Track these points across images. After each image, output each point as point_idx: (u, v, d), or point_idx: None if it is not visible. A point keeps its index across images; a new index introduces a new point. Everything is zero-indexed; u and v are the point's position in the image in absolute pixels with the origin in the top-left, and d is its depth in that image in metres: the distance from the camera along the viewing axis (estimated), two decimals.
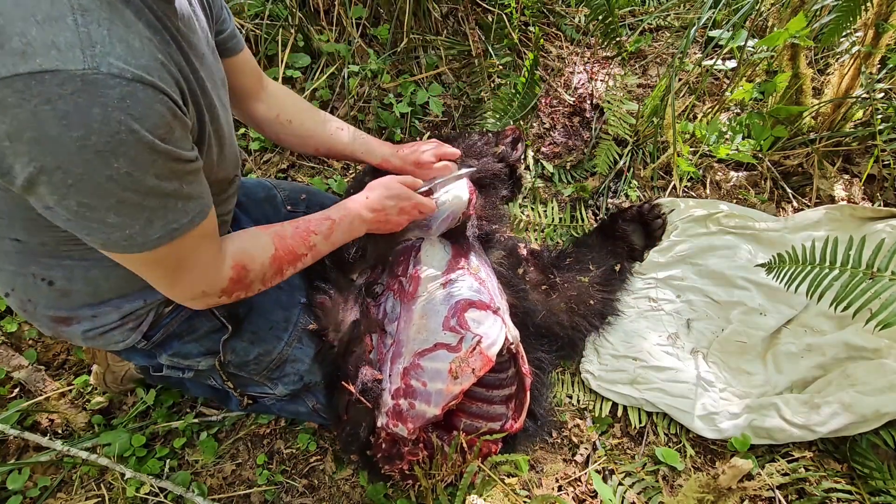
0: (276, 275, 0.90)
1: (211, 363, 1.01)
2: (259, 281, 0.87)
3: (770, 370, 1.29)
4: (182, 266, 0.75)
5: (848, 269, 0.98)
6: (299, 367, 1.08)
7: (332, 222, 0.96)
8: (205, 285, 0.80)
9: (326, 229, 0.95)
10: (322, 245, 0.96)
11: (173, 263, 0.73)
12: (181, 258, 0.74)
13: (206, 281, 0.80)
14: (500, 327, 0.99)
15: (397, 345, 1.04)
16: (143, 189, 0.63)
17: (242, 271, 0.84)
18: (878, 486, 1.09)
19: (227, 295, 0.84)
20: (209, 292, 0.81)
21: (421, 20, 1.85)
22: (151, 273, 0.75)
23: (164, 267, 0.74)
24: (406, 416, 0.94)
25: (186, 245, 0.72)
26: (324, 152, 1.18)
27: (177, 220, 0.68)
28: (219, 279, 0.81)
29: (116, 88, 0.56)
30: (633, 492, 1.15)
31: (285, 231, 0.91)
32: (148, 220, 0.65)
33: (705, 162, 1.68)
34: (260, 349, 1.03)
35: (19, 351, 1.32)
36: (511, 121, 1.73)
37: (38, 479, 1.15)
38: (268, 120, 1.12)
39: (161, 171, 0.63)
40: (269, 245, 0.88)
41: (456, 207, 1.15)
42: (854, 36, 1.62)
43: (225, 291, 0.83)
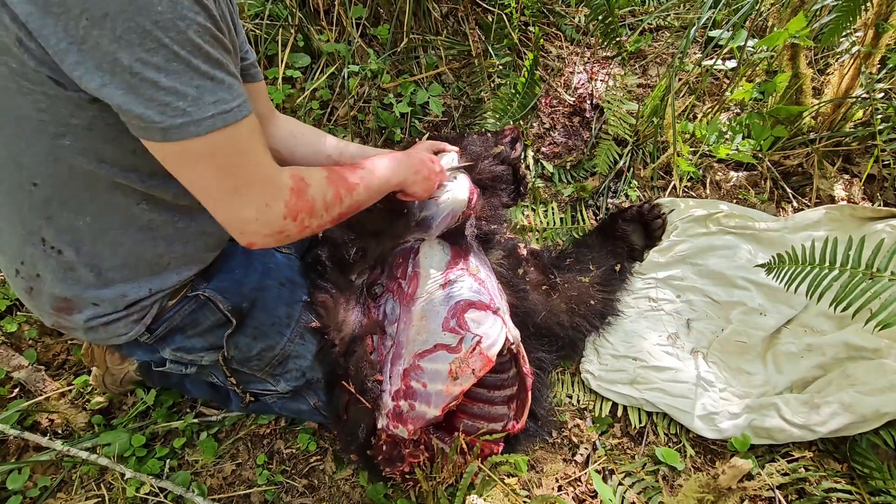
0: (335, 199, 0.85)
1: (214, 358, 1.02)
2: (321, 201, 0.82)
3: (770, 370, 1.29)
4: (238, 165, 0.71)
5: (848, 269, 0.98)
6: (301, 364, 1.08)
7: (374, 161, 0.98)
8: (267, 195, 0.74)
9: (369, 164, 0.96)
10: (370, 176, 0.94)
11: (231, 157, 0.70)
12: (238, 154, 0.70)
13: (268, 189, 0.75)
14: (500, 327, 0.99)
15: (397, 346, 1.04)
16: (188, 42, 0.62)
17: (301, 183, 0.79)
18: (878, 486, 1.09)
19: (292, 215, 0.78)
20: (272, 205, 0.75)
21: (421, 20, 1.85)
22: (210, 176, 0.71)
23: (223, 162, 0.70)
24: (406, 417, 0.94)
25: (241, 136, 0.70)
26: (336, 157, 1.19)
27: (226, 101, 0.67)
28: (279, 188, 0.76)
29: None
30: (633, 492, 1.15)
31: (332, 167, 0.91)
32: (199, 89, 0.64)
33: (705, 162, 1.68)
34: (263, 344, 1.03)
35: (19, 351, 1.32)
36: (511, 121, 1.73)
37: (38, 479, 1.15)
38: (282, 138, 1.14)
39: (204, 28, 0.63)
40: (319, 170, 0.86)
41: (456, 206, 1.15)
42: (854, 36, 1.63)
43: (288, 207, 0.77)
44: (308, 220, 0.81)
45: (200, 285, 0.95)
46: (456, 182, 1.19)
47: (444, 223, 1.17)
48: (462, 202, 1.15)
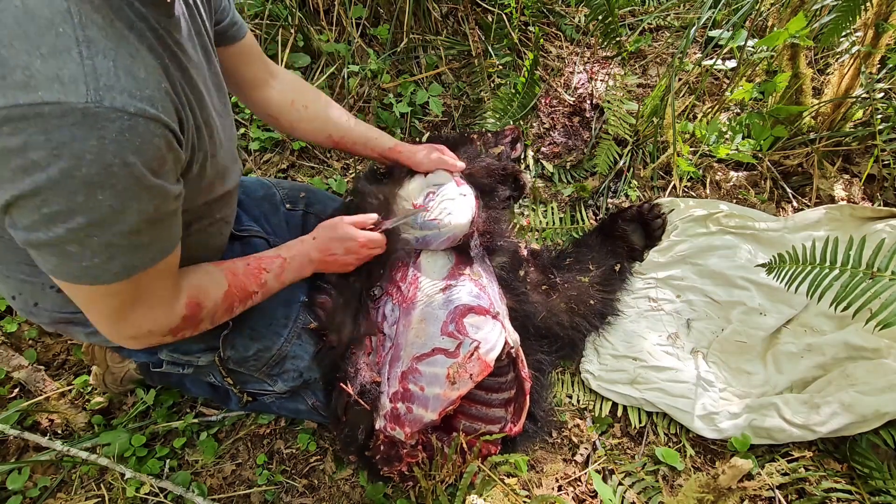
0: (225, 312, 0.87)
1: (210, 359, 1.01)
2: (209, 319, 0.84)
3: (770, 370, 1.28)
4: (135, 302, 0.71)
5: (848, 269, 0.98)
6: (299, 364, 1.08)
7: (283, 260, 0.95)
8: (153, 323, 0.76)
9: (278, 267, 0.94)
10: (272, 283, 0.94)
11: (126, 299, 0.70)
12: (136, 294, 0.70)
13: (157, 319, 0.76)
14: (499, 332, 0.99)
15: (396, 348, 1.04)
16: (119, 225, 0.61)
17: (196, 308, 0.80)
18: (878, 486, 1.09)
19: (174, 334, 0.80)
20: (155, 331, 0.77)
21: (421, 20, 1.85)
22: (98, 306, 0.71)
23: (115, 302, 0.70)
24: (404, 420, 0.94)
25: (143, 281, 0.69)
26: (337, 139, 1.16)
27: (140, 257, 0.66)
28: (171, 317, 0.78)
29: (117, 122, 0.55)
30: (633, 492, 1.15)
31: (237, 268, 0.90)
32: (111, 255, 0.63)
33: (705, 162, 1.68)
34: (259, 345, 1.03)
35: (19, 351, 1.32)
36: (511, 121, 1.73)
37: (38, 479, 1.15)
38: (283, 107, 1.09)
39: (144, 207, 0.62)
40: (222, 281, 0.86)
41: (457, 231, 1.13)
42: (854, 36, 1.62)
43: (173, 330, 0.79)
44: (190, 333, 0.83)
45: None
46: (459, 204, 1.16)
47: (444, 245, 1.16)
48: (463, 226, 1.13)
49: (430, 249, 1.17)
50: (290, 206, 1.26)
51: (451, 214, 1.13)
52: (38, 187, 0.55)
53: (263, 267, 0.93)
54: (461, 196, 1.17)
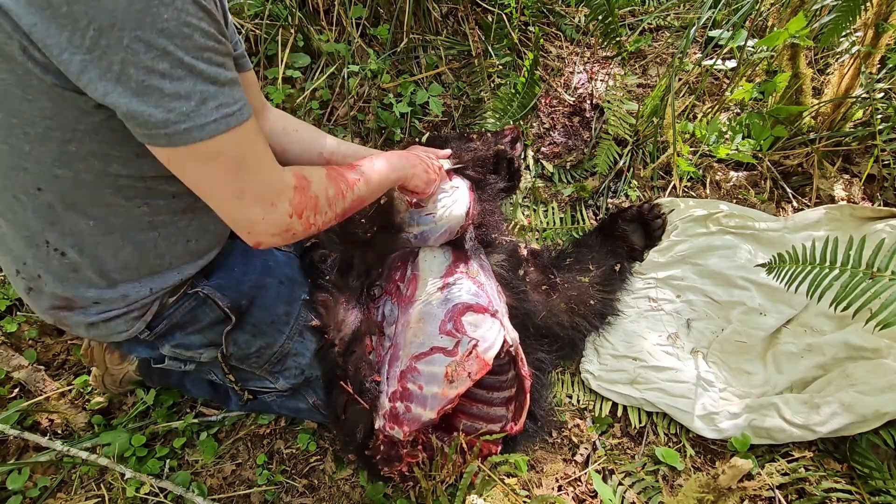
0: (337, 195, 0.86)
1: (213, 355, 1.02)
2: (324, 197, 0.83)
3: (770, 370, 1.28)
4: (245, 163, 0.72)
5: (848, 269, 0.98)
6: (300, 361, 1.09)
7: (371, 158, 0.99)
8: (272, 194, 0.75)
9: (367, 161, 0.97)
10: (370, 172, 0.95)
11: (235, 160, 0.71)
12: (241, 156, 0.71)
13: (272, 188, 0.76)
14: (497, 330, 0.99)
15: (395, 347, 1.04)
16: (192, 48, 0.63)
17: (303, 181, 0.80)
18: (878, 486, 1.09)
19: (297, 213, 0.79)
20: (278, 204, 0.76)
21: (421, 20, 1.85)
22: (216, 179, 0.72)
23: (227, 163, 0.71)
24: (402, 419, 0.94)
25: (244, 139, 0.71)
26: (328, 156, 1.18)
27: (228, 104, 0.68)
28: (283, 187, 0.77)
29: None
30: (633, 492, 1.15)
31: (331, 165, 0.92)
32: (202, 94, 0.65)
33: (705, 162, 1.68)
34: (262, 342, 1.03)
35: (19, 351, 1.32)
36: (511, 121, 1.73)
37: (38, 479, 1.15)
38: (275, 132, 1.13)
39: (207, 33, 0.64)
40: (319, 167, 0.87)
41: (453, 223, 1.14)
42: (854, 36, 1.62)
43: (293, 205, 0.78)
44: (313, 218, 0.82)
45: (200, 282, 0.96)
46: (453, 196, 1.17)
47: (442, 238, 1.17)
48: (459, 217, 1.14)
49: (428, 245, 1.17)
50: None
51: (447, 207, 1.14)
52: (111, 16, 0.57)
53: (356, 164, 0.95)
54: (453, 188, 1.18)
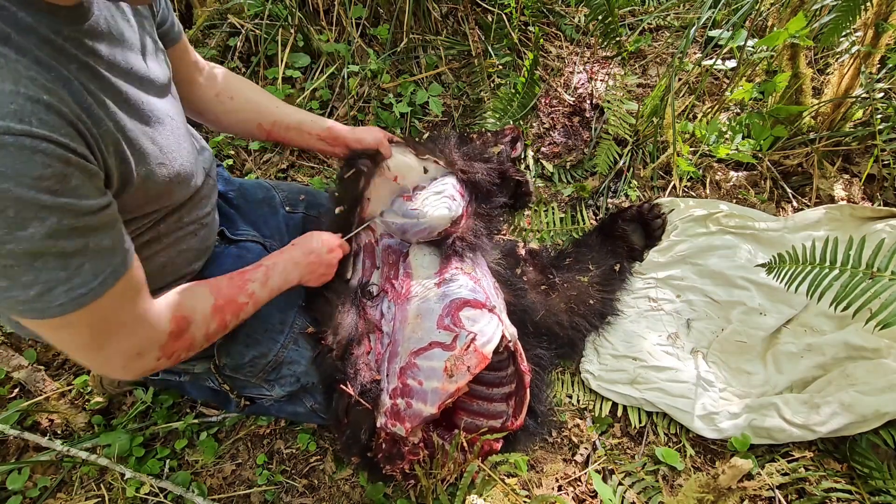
0: (219, 328, 0.84)
1: (206, 366, 1.01)
2: (202, 335, 0.81)
3: (770, 370, 1.28)
4: (102, 329, 0.66)
5: (848, 269, 0.98)
6: (296, 369, 1.08)
7: (265, 268, 0.93)
8: (138, 346, 0.71)
9: (262, 276, 0.92)
10: (260, 291, 0.91)
11: (89, 328, 0.65)
12: (100, 321, 0.65)
13: (139, 341, 0.71)
14: (496, 325, 0.99)
15: (393, 344, 1.04)
16: (34, 252, 0.55)
17: (183, 322, 0.76)
18: (878, 486, 1.09)
19: (167, 355, 0.76)
20: (145, 354, 0.72)
21: (421, 20, 1.85)
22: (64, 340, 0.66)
23: (78, 332, 0.65)
24: (403, 415, 0.94)
25: (103, 308, 0.64)
26: (268, 127, 1.12)
27: (84, 283, 0.61)
28: (155, 336, 0.73)
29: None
30: (633, 492, 1.15)
31: (220, 282, 0.87)
32: (45, 285, 0.58)
33: (705, 162, 1.68)
34: (255, 352, 1.02)
35: (19, 351, 1.32)
36: (511, 121, 1.73)
37: (38, 479, 1.15)
38: (207, 100, 1.07)
39: (56, 229, 0.56)
40: (207, 296, 0.83)
41: (434, 223, 1.13)
42: (854, 36, 1.62)
43: (165, 350, 0.75)
44: (185, 355, 0.80)
45: None
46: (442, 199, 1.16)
47: (419, 235, 1.16)
48: (441, 220, 1.13)
49: (406, 239, 1.18)
50: (290, 208, 1.26)
51: (434, 208, 1.13)
52: None
53: (247, 278, 0.90)
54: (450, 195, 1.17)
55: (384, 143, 1.18)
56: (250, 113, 1.10)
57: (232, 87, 1.09)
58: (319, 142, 1.17)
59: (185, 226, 0.91)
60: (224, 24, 1.81)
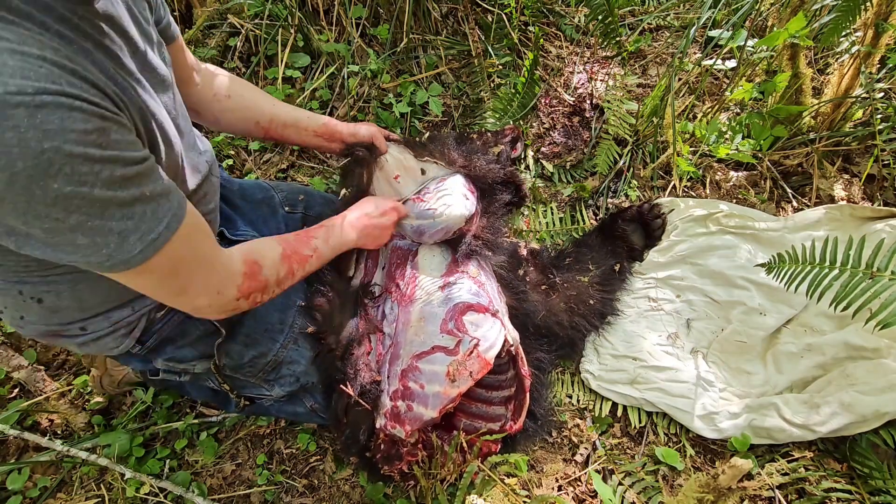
0: (287, 275, 0.90)
1: (206, 366, 1.01)
2: (273, 279, 0.86)
3: (770, 370, 1.28)
4: (181, 270, 0.71)
5: (848, 269, 0.98)
6: (295, 369, 1.08)
7: (325, 228, 1.01)
8: (217, 284, 0.76)
9: (324, 233, 1.00)
10: (323, 247, 0.98)
11: (170, 270, 0.69)
12: (177, 263, 0.69)
13: (217, 279, 0.76)
14: (498, 330, 0.99)
15: (395, 346, 1.04)
16: (98, 204, 0.58)
17: (255, 266, 0.82)
18: (878, 486, 1.09)
19: (245, 296, 0.81)
20: (224, 292, 0.78)
21: (421, 20, 1.85)
22: (154, 288, 0.71)
23: (162, 276, 0.69)
24: (404, 418, 0.94)
25: (176, 250, 0.68)
26: (265, 125, 1.14)
27: (152, 229, 0.64)
28: (230, 275, 0.78)
29: (21, 107, 0.51)
30: (633, 492, 1.15)
31: (287, 235, 0.94)
32: (120, 236, 0.61)
33: (705, 162, 1.68)
34: (255, 352, 1.02)
35: (19, 351, 1.32)
36: (511, 121, 1.73)
37: (38, 480, 1.15)
38: (205, 100, 1.09)
39: (110, 180, 0.58)
40: (275, 245, 0.89)
41: (452, 222, 1.13)
42: (854, 36, 1.62)
43: (241, 291, 0.80)
44: (261, 297, 0.86)
45: None
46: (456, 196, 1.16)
47: (437, 236, 1.16)
48: (459, 218, 1.13)
49: (422, 241, 1.17)
50: (290, 209, 1.26)
51: (449, 206, 1.13)
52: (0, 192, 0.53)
53: (311, 234, 0.97)
54: (462, 194, 1.17)
55: (378, 136, 1.23)
56: (247, 111, 1.13)
57: (229, 87, 1.11)
58: (316, 138, 1.21)
59: None
60: (224, 24, 1.81)
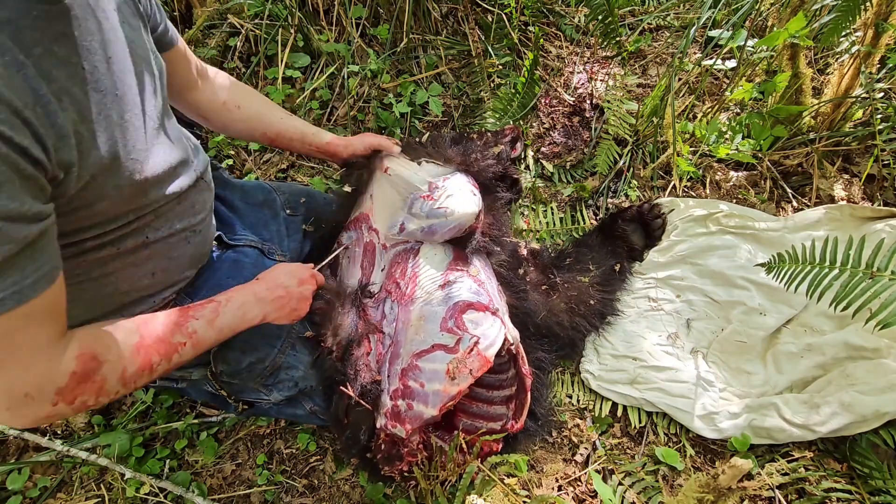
0: (141, 370, 0.71)
1: (203, 373, 1.01)
2: (116, 378, 0.68)
3: (770, 370, 1.28)
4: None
5: (848, 269, 0.98)
6: (294, 374, 1.07)
7: (216, 304, 0.83)
8: (31, 384, 0.59)
9: (210, 312, 0.81)
10: (205, 331, 0.80)
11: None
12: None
13: (34, 377, 0.59)
14: (498, 328, 0.99)
15: (395, 345, 1.04)
16: None
17: (92, 363, 0.65)
18: (878, 486, 1.09)
19: (67, 400, 0.63)
20: (36, 396, 0.60)
21: (421, 20, 1.85)
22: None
23: None
24: (404, 416, 0.94)
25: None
26: (272, 136, 1.16)
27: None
28: (54, 374, 0.61)
29: None
30: (633, 492, 1.15)
31: (156, 318, 0.76)
32: None
33: (705, 162, 1.68)
34: (252, 358, 1.01)
35: None
36: (511, 120, 1.73)
37: (38, 480, 1.15)
38: (214, 108, 1.09)
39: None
40: (132, 331, 0.71)
41: (464, 220, 1.12)
42: (854, 36, 1.62)
43: (63, 394, 0.62)
44: (94, 400, 0.67)
45: (184, 302, 0.94)
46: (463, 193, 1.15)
47: (449, 234, 1.15)
48: (470, 216, 1.12)
49: (434, 239, 1.16)
50: (291, 211, 1.26)
51: (458, 204, 1.12)
52: None
53: (191, 315, 0.79)
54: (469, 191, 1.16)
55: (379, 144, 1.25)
56: (256, 122, 1.14)
57: (238, 96, 1.12)
58: (319, 153, 1.25)
59: (177, 233, 0.88)
60: (224, 24, 1.81)
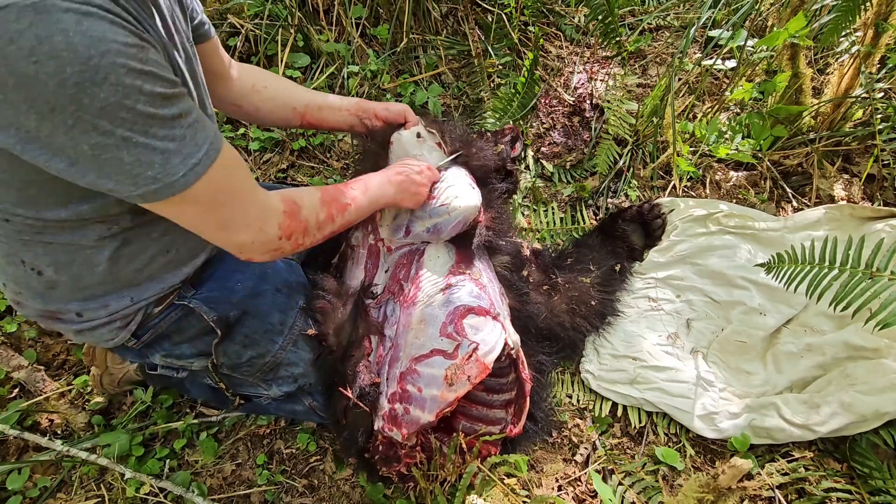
0: (327, 219, 0.90)
1: (204, 364, 1.01)
2: (314, 222, 0.87)
3: (770, 370, 1.29)
4: (222, 202, 0.73)
5: (847, 269, 0.98)
6: (294, 370, 1.08)
7: (363, 180, 1.01)
8: (258, 219, 0.78)
9: (361, 185, 1.00)
10: (361, 198, 0.98)
11: (211, 201, 0.71)
12: (217, 194, 0.71)
13: (258, 214, 0.78)
14: (499, 333, 0.99)
15: (395, 348, 1.04)
16: (141, 119, 0.60)
17: (294, 206, 0.83)
18: (877, 486, 1.09)
19: (286, 236, 0.82)
20: (266, 229, 0.79)
21: (421, 20, 1.85)
22: (197, 218, 0.73)
23: (204, 207, 0.72)
24: (401, 420, 0.94)
25: (216, 179, 0.70)
26: (302, 109, 1.18)
27: (193, 153, 0.66)
28: (270, 211, 0.79)
29: (69, 13, 0.53)
30: (633, 492, 1.15)
31: (322, 187, 0.94)
32: (163, 156, 0.63)
33: (705, 162, 1.68)
34: (253, 352, 1.02)
35: (19, 351, 1.32)
36: (511, 120, 1.73)
37: (38, 480, 1.15)
38: (244, 92, 1.12)
39: (152, 95, 0.60)
40: (313, 190, 0.90)
41: (468, 213, 1.13)
42: (854, 36, 1.62)
43: (283, 229, 0.81)
44: (302, 239, 0.86)
45: (188, 293, 0.94)
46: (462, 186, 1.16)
47: (455, 230, 1.15)
48: (473, 208, 1.13)
49: (440, 239, 1.16)
50: None
51: (460, 198, 1.12)
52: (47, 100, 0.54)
53: (350, 185, 0.98)
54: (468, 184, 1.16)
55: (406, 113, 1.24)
56: (285, 98, 1.17)
57: (263, 77, 1.16)
58: (351, 116, 1.23)
59: None
60: (224, 24, 1.81)
